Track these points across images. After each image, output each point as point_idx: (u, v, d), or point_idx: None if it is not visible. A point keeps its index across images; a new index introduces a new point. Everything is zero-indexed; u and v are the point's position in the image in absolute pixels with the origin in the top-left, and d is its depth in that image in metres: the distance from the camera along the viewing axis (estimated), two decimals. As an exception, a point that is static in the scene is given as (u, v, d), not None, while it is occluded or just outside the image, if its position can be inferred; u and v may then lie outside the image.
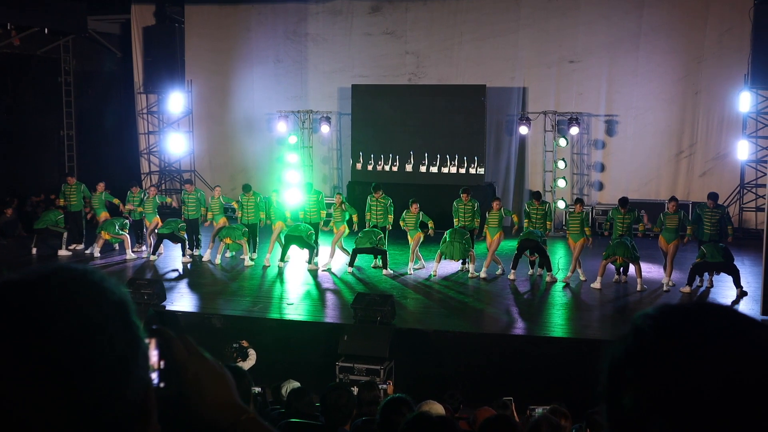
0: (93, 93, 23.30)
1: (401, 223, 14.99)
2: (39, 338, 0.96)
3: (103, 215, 16.72)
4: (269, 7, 21.32)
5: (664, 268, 13.73)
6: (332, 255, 15.24)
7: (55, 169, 21.33)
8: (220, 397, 1.21)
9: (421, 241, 14.92)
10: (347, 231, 15.47)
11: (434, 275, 14.46)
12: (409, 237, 14.92)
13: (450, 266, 14.82)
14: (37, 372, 0.95)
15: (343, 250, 15.51)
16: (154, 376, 1.13)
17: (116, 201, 16.95)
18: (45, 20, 20.95)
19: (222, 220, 16.01)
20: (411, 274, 14.62)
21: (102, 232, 15.98)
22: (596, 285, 13.56)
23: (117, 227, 15.94)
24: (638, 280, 13.40)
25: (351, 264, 14.86)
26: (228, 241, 15.38)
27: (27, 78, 21.42)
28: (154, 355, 1.13)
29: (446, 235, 14.41)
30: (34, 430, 0.94)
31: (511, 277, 14.18)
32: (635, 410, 1.03)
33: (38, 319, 0.97)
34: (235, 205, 16.55)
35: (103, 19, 22.89)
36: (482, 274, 14.25)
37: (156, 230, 15.99)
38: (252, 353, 10.02)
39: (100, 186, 16.96)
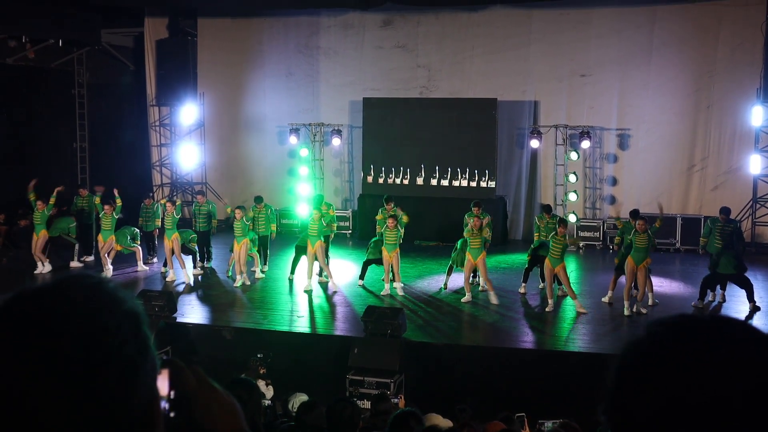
0: (106, 105, 23.44)
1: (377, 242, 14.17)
2: (52, 342, 1.01)
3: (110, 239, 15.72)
4: (281, 20, 21.44)
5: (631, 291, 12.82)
6: (330, 275, 14.47)
7: (68, 181, 21.43)
8: (229, 426, 1.24)
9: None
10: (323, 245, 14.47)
11: (445, 289, 14.41)
12: (386, 253, 13.96)
13: (460, 279, 14.77)
14: (49, 374, 0.99)
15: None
16: (165, 405, 1.15)
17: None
18: (59, 33, 21.14)
19: (174, 236, 15.17)
20: (401, 294, 14.01)
21: (114, 243, 15.99)
22: (606, 299, 13.49)
23: (129, 238, 15.93)
24: (649, 294, 13.33)
25: (361, 277, 14.84)
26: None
27: (41, 90, 21.60)
28: (164, 384, 1.15)
29: (457, 244, 14.37)
30: (46, 428, 0.98)
31: (522, 290, 14.14)
32: (648, 415, 1.05)
33: (52, 324, 1.03)
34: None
35: (117, 32, 23.09)
36: (494, 300, 13.52)
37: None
38: (270, 389, 9.92)
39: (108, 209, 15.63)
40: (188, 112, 21.85)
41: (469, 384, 10.91)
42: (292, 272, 15.18)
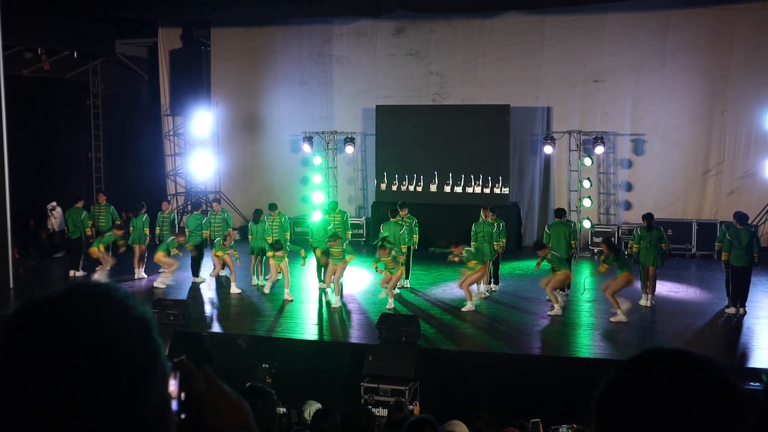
0: (120, 115, 23.59)
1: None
2: (62, 350, 1.01)
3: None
4: (294, 29, 21.52)
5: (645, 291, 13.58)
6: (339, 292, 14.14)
7: (84, 191, 21.57)
8: (238, 427, 1.24)
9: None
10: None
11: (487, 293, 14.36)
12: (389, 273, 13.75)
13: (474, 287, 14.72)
14: (59, 382, 0.99)
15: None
16: (175, 406, 1.15)
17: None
18: (74, 45, 21.32)
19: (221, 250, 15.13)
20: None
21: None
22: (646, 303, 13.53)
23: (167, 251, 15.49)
24: (650, 295, 13.56)
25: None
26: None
27: (57, 101, 21.76)
28: (174, 386, 1.16)
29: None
30: None
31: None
32: None
33: (61, 333, 1.02)
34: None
35: (131, 43, 23.25)
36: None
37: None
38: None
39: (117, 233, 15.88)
40: (202, 121, 21.95)
41: (484, 390, 10.87)
42: (323, 280, 14.90)
